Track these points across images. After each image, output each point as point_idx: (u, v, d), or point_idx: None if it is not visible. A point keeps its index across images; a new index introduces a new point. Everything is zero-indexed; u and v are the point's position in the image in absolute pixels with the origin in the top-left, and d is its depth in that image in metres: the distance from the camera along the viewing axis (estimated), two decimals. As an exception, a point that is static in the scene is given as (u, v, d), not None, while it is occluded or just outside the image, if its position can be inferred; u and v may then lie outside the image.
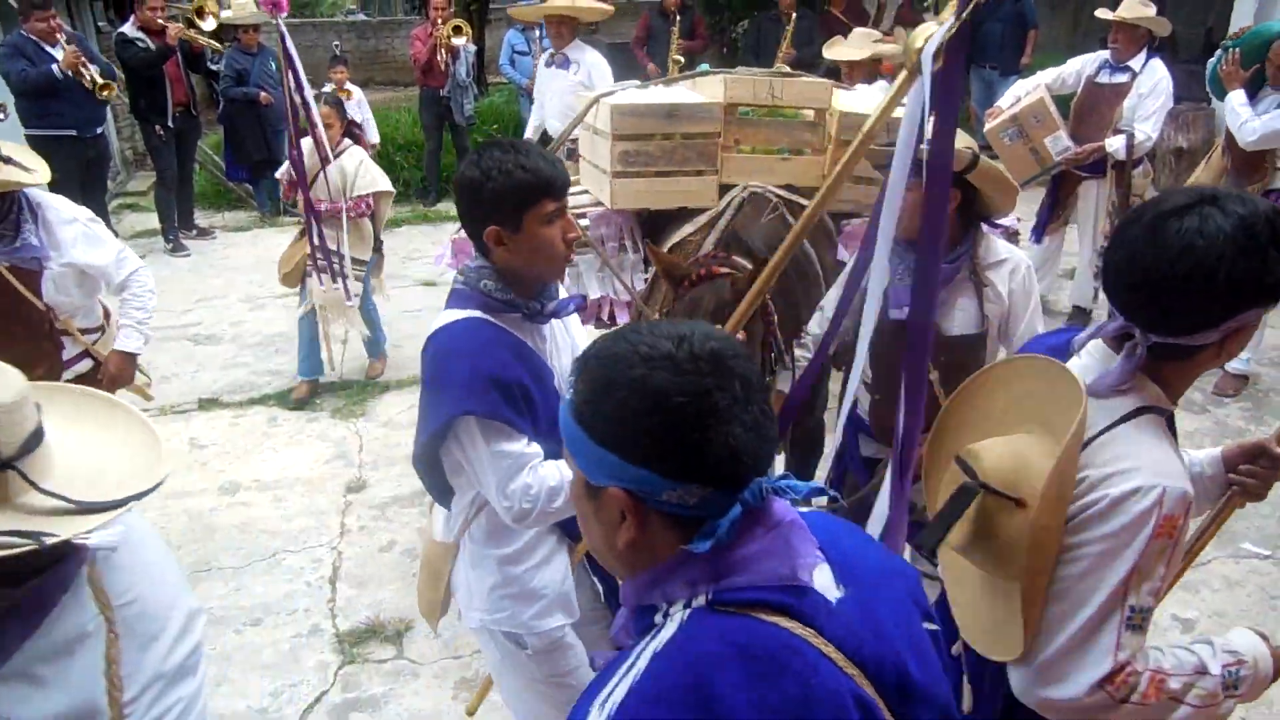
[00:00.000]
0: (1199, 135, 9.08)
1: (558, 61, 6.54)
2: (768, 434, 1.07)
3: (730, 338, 1.11)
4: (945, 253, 2.55)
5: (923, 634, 1.20)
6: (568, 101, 6.24)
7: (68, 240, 3.24)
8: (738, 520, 1.05)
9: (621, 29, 16.19)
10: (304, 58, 17.09)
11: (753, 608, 1.06)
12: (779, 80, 3.31)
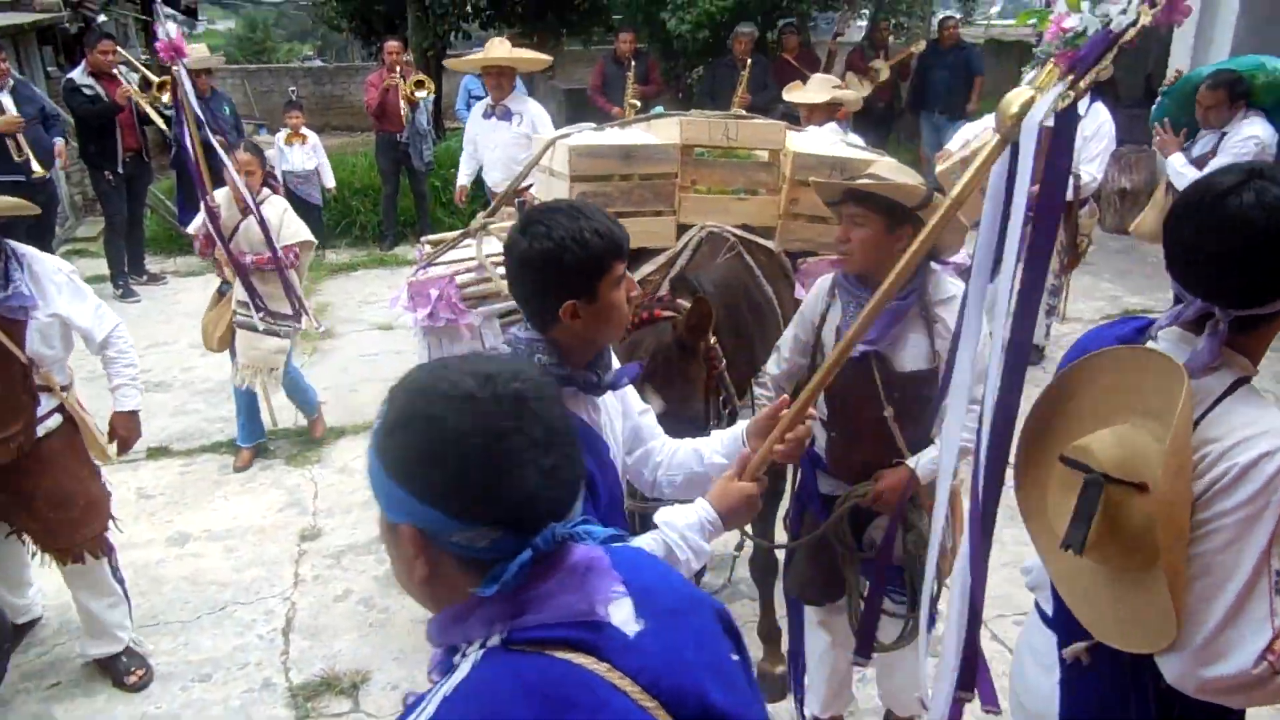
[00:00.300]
0: (1141, 177, 9.35)
1: (498, 113, 6.47)
2: (568, 480, 1.07)
3: (542, 381, 1.10)
4: (896, 290, 2.57)
5: (731, 662, 1.21)
6: (511, 153, 6.26)
7: (54, 291, 3.19)
8: (527, 564, 1.05)
9: (578, 75, 16.39)
10: (260, 103, 17.13)
11: (546, 645, 1.06)
12: (734, 122, 3.35)
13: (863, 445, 2.68)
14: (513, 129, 6.37)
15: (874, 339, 2.55)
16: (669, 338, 2.53)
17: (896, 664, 2.98)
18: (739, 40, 8.88)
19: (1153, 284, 8.04)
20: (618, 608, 1.11)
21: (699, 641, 1.17)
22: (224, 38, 33.31)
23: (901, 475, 2.60)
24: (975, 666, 1.78)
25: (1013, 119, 1.56)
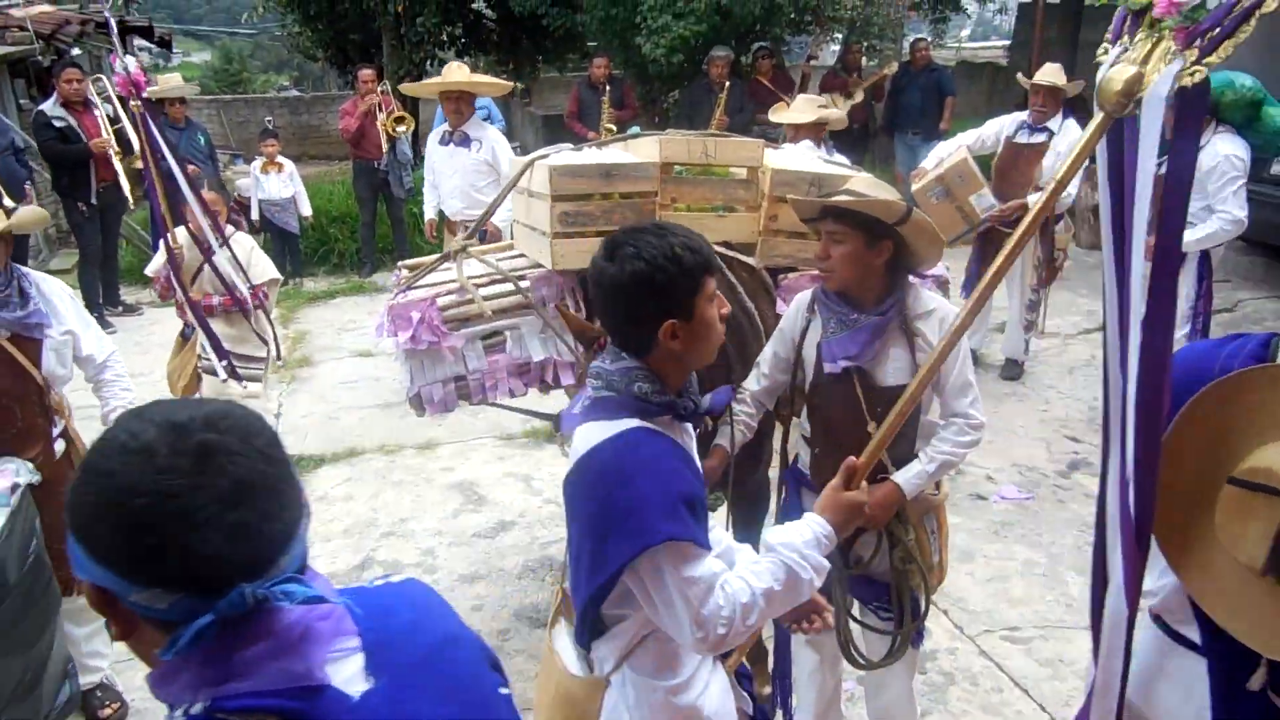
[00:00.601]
0: (1114, 193, 9.45)
1: (456, 140, 6.26)
2: (264, 536, 1.01)
3: (248, 428, 1.04)
4: (876, 304, 2.57)
5: (498, 697, 1.22)
6: (470, 180, 6.17)
7: (64, 308, 3.19)
8: (208, 629, 0.98)
9: (554, 101, 16.46)
10: (236, 133, 17.10)
11: (253, 714, 1.01)
12: (712, 140, 3.34)
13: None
14: (471, 155, 6.21)
15: (855, 354, 2.54)
16: None
17: (886, 682, 2.95)
18: (714, 64, 8.95)
19: (1128, 298, 8.11)
20: (341, 668, 1.07)
21: (448, 688, 1.15)
22: (200, 70, 33.29)
23: (888, 491, 2.59)
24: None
25: (1118, 95, 1.53)
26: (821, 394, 2.65)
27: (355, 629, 1.10)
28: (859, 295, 2.58)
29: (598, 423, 1.83)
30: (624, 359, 1.85)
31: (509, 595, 4.15)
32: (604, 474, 1.78)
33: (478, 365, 3.32)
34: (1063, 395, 6.14)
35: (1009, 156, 5.96)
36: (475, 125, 6.29)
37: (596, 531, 1.78)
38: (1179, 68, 1.48)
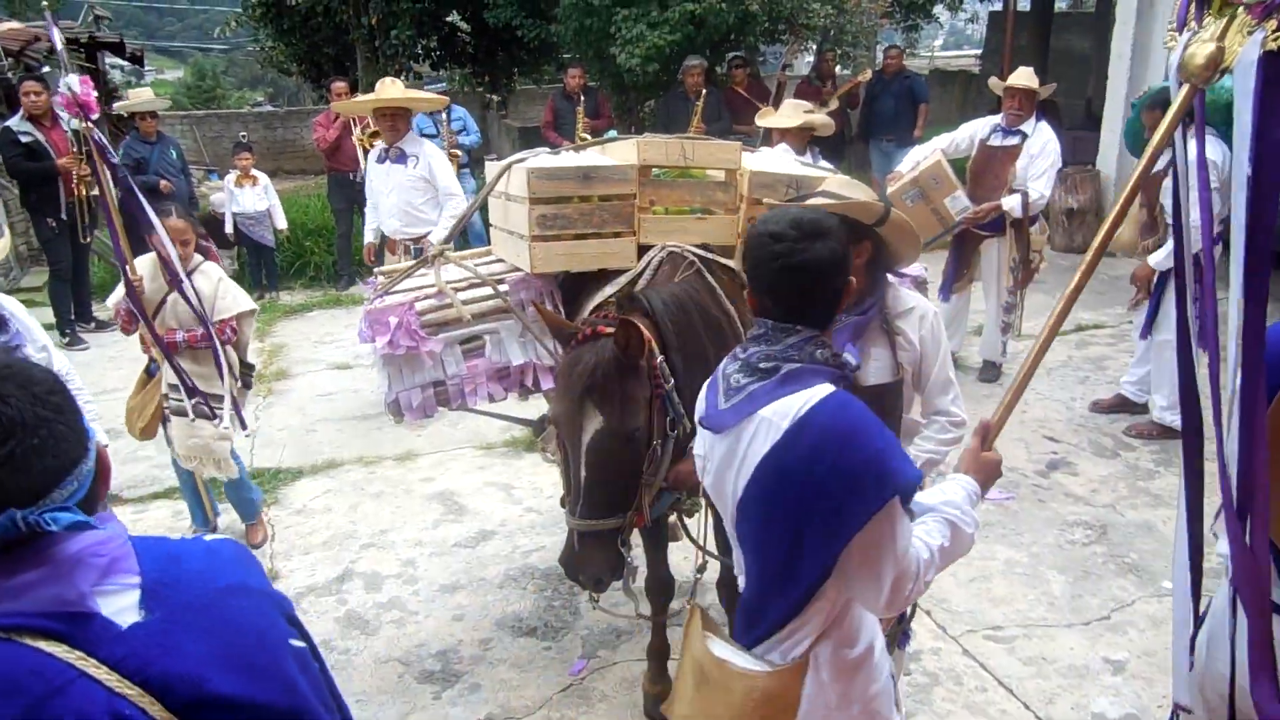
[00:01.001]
0: (1087, 196, 9.55)
1: (393, 157, 6.01)
2: (33, 467, 1.14)
3: (33, 377, 1.19)
4: (856, 304, 2.57)
5: (285, 649, 1.29)
6: (407, 198, 5.98)
7: (31, 324, 3.12)
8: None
9: (531, 113, 16.47)
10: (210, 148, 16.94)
11: (21, 631, 1.12)
12: (689, 142, 3.35)
13: None
14: (408, 172, 5.97)
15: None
16: (609, 354, 2.51)
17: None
18: (690, 73, 8.98)
19: (1104, 300, 8.17)
20: (114, 600, 1.18)
21: (221, 629, 1.24)
22: (173, 87, 33.09)
23: None
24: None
25: (1202, 69, 1.63)
26: None
27: (136, 568, 1.22)
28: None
29: (793, 395, 1.83)
30: (797, 332, 1.89)
31: (490, 604, 4.11)
32: (827, 437, 1.76)
33: (456, 370, 3.30)
34: (1041, 396, 6.17)
35: (983, 159, 6.01)
36: (411, 141, 6.08)
37: (828, 497, 1.75)
38: (1262, 36, 1.55)
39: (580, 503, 2.53)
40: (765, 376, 1.87)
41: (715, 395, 1.98)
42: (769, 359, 1.88)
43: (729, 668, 2.03)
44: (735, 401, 1.92)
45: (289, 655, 1.29)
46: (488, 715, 3.43)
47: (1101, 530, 4.54)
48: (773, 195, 3.32)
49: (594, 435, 2.48)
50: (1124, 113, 9.50)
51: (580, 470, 2.52)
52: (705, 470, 2.05)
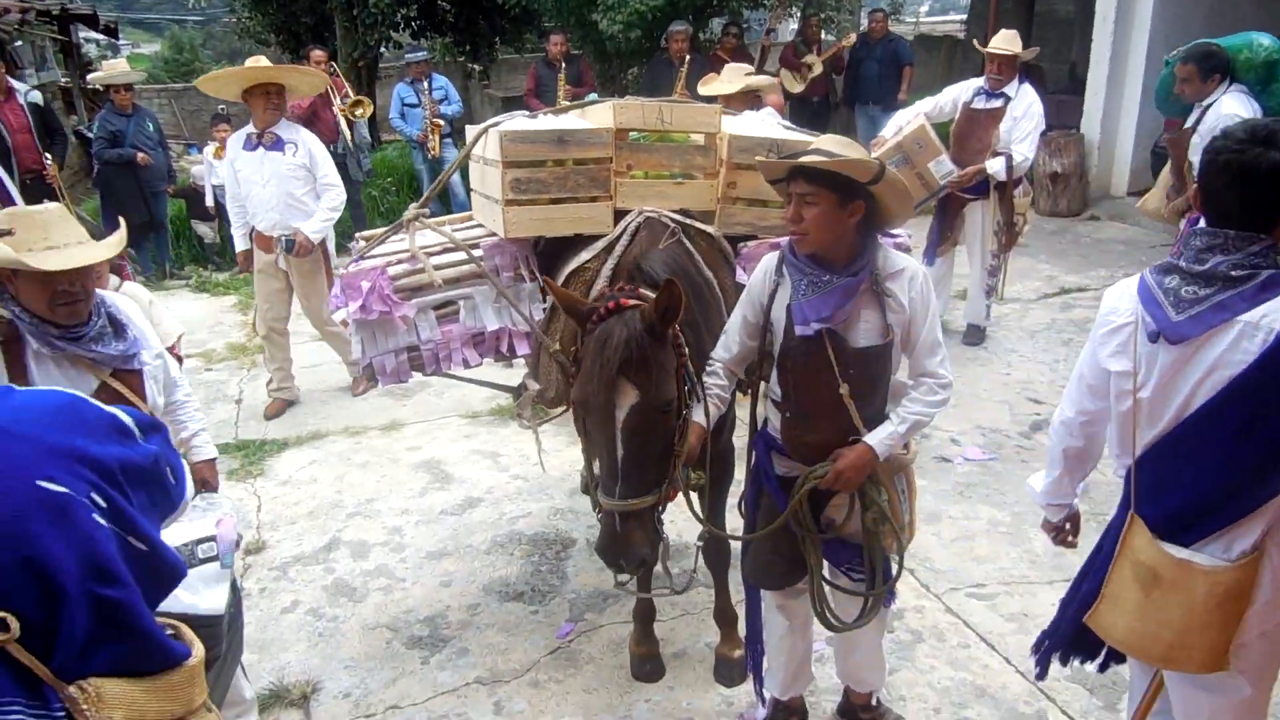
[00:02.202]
0: (1071, 160, 9.54)
1: (267, 143, 5.39)
2: None
3: None
4: (847, 266, 2.54)
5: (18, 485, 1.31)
6: (288, 188, 5.43)
7: (146, 328, 2.84)
8: None
9: (513, 83, 16.32)
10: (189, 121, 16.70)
11: None
12: (667, 105, 3.31)
13: (819, 425, 2.64)
14: (288, 159, 5.40)
15: (828, 316, 2.50)
16: (639, 326, 2.43)
17: (856, 642, 2.96)
18: (674, 39, 8.90)
19: (1087, 263, 8.21)
20: None
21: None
22: (149, 61, 32.58)
23: (861, 453, 2.57)
24: None
25: None
26: (792, 357, 2.61)
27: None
28: (831, 257, 2.53)
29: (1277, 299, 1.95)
30: (1260, 240, 1.98)
31: (478, 570, 4.13)
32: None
33: (431, 335, 3.28)
34: (1024, 359, 6.20)
35: (966, 123, 5.99)
36: (287, 127, 5.50)
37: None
38: None
39: (619, 483, 2.44)
40: (1238, 284, 1.97)
41: (1159, 309, 2.09)
42: (1239, 267, 1.97)
43: (1193, 567, 2.14)
44: (1198, 311, 2.01)
45: (40, 498, 1.29)
46: (476, 679, 3.46)
47: (1084, 489, 4.57)
48: (753, 159, 3.29)
49: (630, 411, 2.40)
50: (1108, 76, 9.50)
51: (617, 449, 2.42)
52: (1140, 385, 2.14)
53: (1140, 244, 8.61)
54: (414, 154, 9.88)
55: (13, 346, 2.55)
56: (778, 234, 3.32)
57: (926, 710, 3.23)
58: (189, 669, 1.49)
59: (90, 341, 2.59)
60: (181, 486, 1.72)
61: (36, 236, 2.45)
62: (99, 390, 2.60)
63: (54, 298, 2.50)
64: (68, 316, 2.54)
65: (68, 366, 2.59)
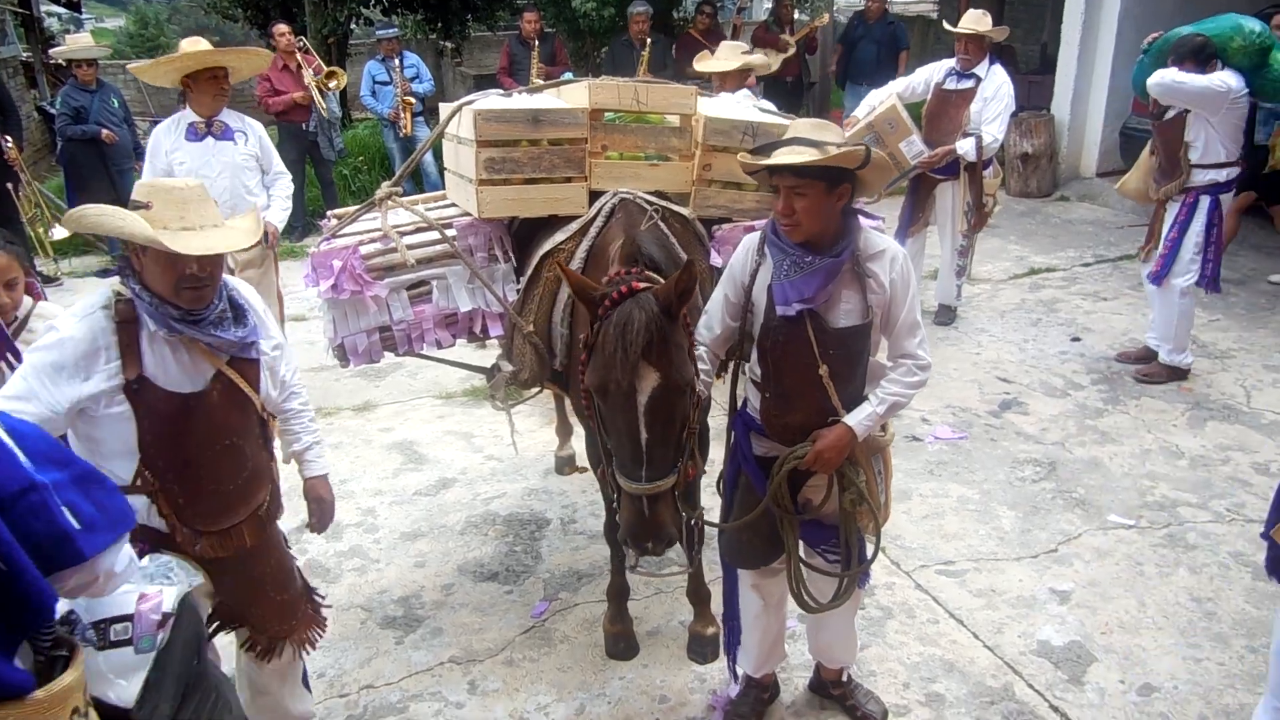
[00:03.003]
0: (1042, 141, 9.61)
1: (216, 132, 4.96)
2: None
3: None
4: (830, 246, 2.53)
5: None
6: (241, 179, 5.05)
7: (267, 317, 2.68)
8: None
9: (486, 61, 16.18)
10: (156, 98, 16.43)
11: None
12: (643, 86, 3.29)
13: (798, 405, 2.66)
14: (240, 149, 5.03)
15: (810, 297, 2.51)
16: (655, 307, 2.41)
17: (828, 620, 3.00)
18: (635, 20, 8.85)
19: (1057, 244, 8.29)
20: None
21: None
22: (114, 35, 31.97)
23: (840, 433, 2.59)
24: None
25: None
26: (773, 337, 2.62)
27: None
28: (817, 239, 2.53)
29: None
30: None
31: (452, 551, 4.13)
32: None
33: (403, 315, 3.26)
34: (994, 339, 6.27)
35: (937, 103, 6.01)
36: (236, 115, 5.14)
37: None
38: None
39: (645, 467, 2.43)
40: None
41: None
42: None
43: None
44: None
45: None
46: (450, 658, 3.48)
47: (1051, 467, 4.66)
48: (728, 142, 3.29)
49: (652, 394, 2.39)
50: (1078, 57, 9.56)
51: (640, 433, 2.41)
52: None
53: (1109, 224, 8.71)
54: (385, 132, 9.77)
55: (128, 328, 2.37)
56: (752, 217, 3.33)
57: (896, 685, 3.28)
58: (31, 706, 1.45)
59: (210, 325, 2.40)
60: (97, 539, 1.62)
61: (173, 214, 2.30)
62: (214, 380, 2.44)
63: (181, 280, 2.33)
64: (192, 301, 2.37)
65: (183, 351, 2.41)
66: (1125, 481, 4.50)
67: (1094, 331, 6.29)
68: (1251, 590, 3.69)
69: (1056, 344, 6.15)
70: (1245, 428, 4.97)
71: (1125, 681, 3.26)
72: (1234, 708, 3.12)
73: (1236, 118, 5.07)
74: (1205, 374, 5.62)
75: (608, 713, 3.21)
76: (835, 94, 11.39)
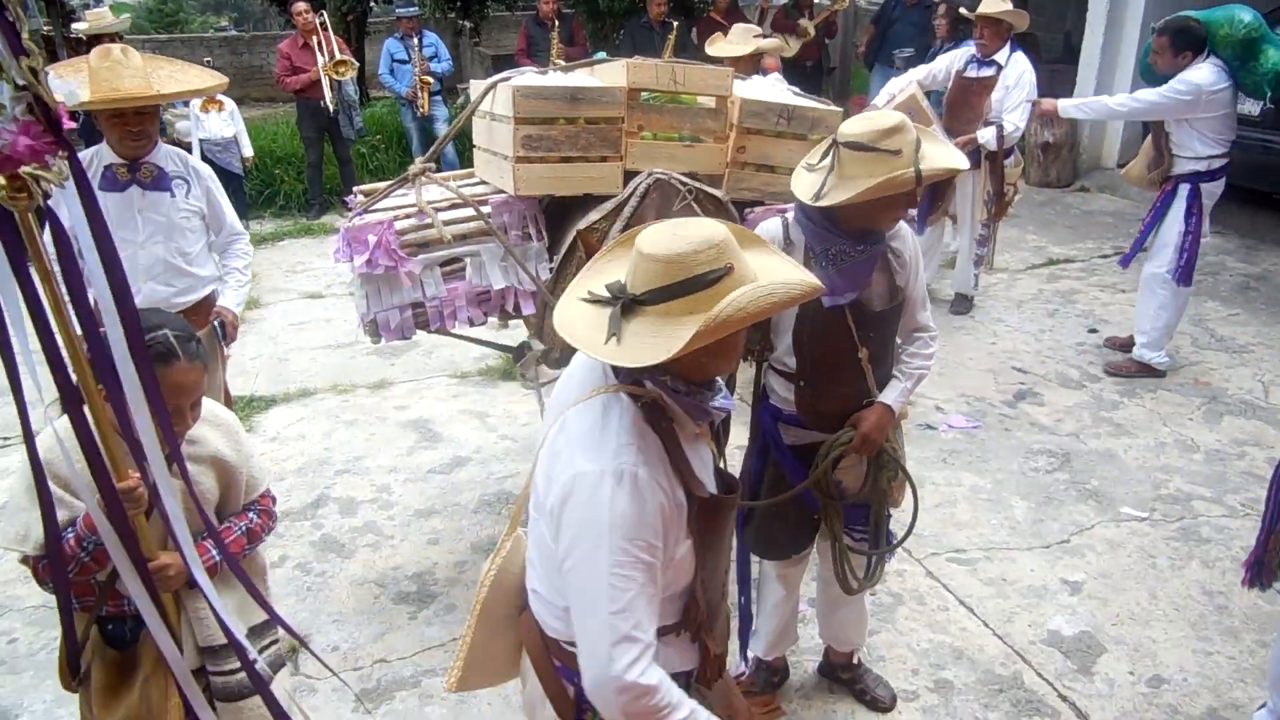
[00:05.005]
0: (1063, 130, 9.54)
1: (145, 178, 3.51)
2: None
3: None
4: (880, 237, 2.54)
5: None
6: (179, 244, 3.63)
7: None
8: None
9: (504, 41, 16.13)
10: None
11: None
12: (680, 66, 3.28)
13: (836, 392, 2.67)
14: (180, 203, 3.61)
15: (860, 288, 2.53)
16: None
17: (838, 603, 3.02)
18: (655, 1, 8.81)
19: (1076, 235, 8.24)
20: None
21: None
22: (133, 10, 31.99)
23: (881, 414, 2.63)
24: None
25: None
26: (810, 327, 2.60)
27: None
28: (873, 231, 2.54)
29: None
30: None
31: (465, 529, 4.16)
32: None
33: (436, 292, 3.27)
34: (1010, 329, 6.25)
35: (959, 91, 5.97)
36: (169, 155, 3.62)
37: None
38: None
39: None
40: None
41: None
42: None
43: None
44: None
45: None
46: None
47: (1064, 458, 4.65)
48: (763, 124, 3.29)
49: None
50: (1102, 46, 9.47)
51: None
52: None
53: (1129, 216, 8.64)
54: (403, 111, 9.78)
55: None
56: (785, 201, 3.33)
57: (905, 671, 3.30)
58: None
59: None
60: None
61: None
62: None
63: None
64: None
65: None
66: (1139, 474, 4.49)
67: (1111, 323, 6.26)
68: (1264, 585, 3.69)
69: (1073, 335, 6.13)
70: (1262, 423, 4.95)
71: (1135, 673, 3.26)
72: (1243, 701, 3.13)
73: (1218, 110, 4.99)
74: (1223, 368, 5.59)
75: (618, 691, 3.23)
76: (857, 77, 11.30)
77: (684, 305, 1.56)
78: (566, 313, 1.70)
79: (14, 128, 1.43)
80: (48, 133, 1.45)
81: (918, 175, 2.32)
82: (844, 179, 2.41)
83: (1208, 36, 4.93)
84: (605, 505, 1.57)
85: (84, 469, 1.77)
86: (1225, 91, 4.92)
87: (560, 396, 1.84)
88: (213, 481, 2.22)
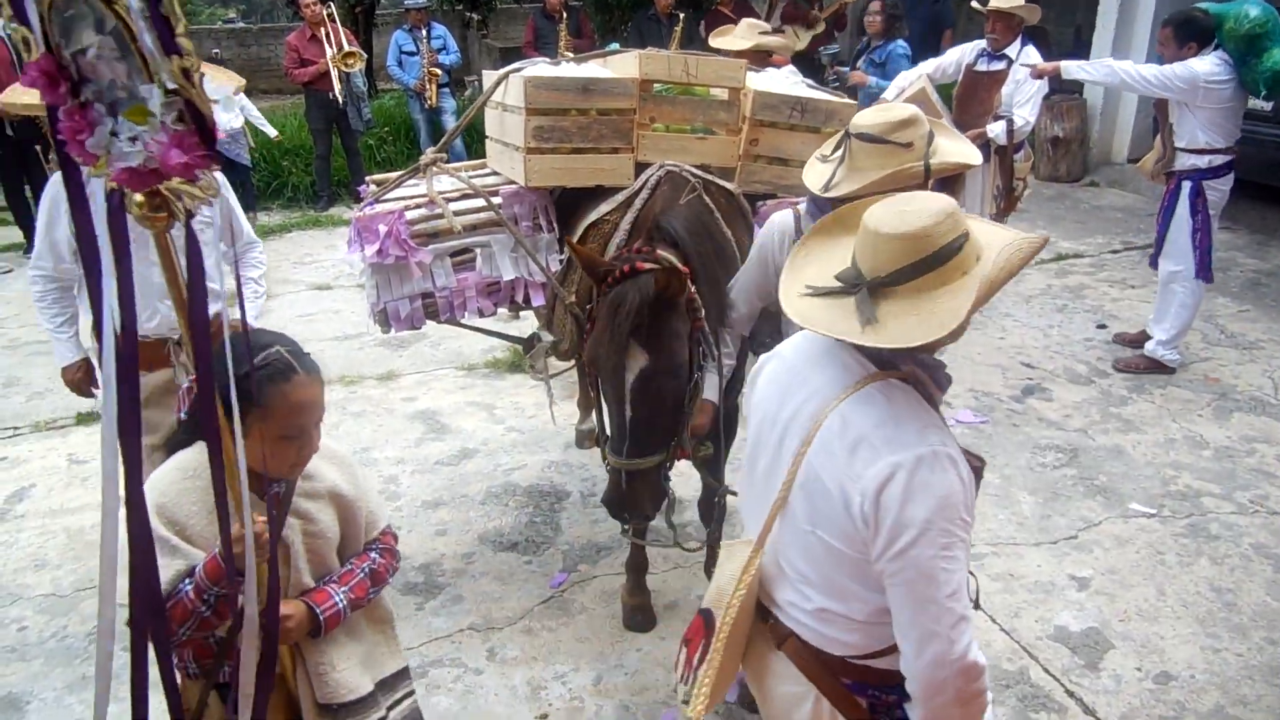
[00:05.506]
0: (1073, 125, 9.50)
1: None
2: None
3: None
4: None
5: None
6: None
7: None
8: None
9: (512, 33, 16.11)
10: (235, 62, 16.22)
11: None
12: (693, 58, 3.27)
13: None
14: (198, 217, 2.39)
15: None
16: (652, 292, 2.43)
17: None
18: None
19: (1085, 230, 8.21)
20: None
21: None
22: (141, 0, 31.95)
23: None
24: None
25: None
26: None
27: None
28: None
29: None
30: None
31: (473, 520, 4.17)
32: None
33: (446, 283, 3.27)
34: (1019, 324, 6.23)
35: (968, 85, 5.94)
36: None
37: None
38: None
39: (626, 442, 2.50)
40: None
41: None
42: None
43: None
44: None
45: None
46: (470, 625, 3.51)
47: (1072, 453, 4.64)
48: (776, 117, 3.27)
49: (639, 375, 2.44)
50: (1113, 40, 9.42)
51: (625, 410, 2.48)
52: None
53: (1139, 211, 8.61)
54: (410, 103, 9.79)
55: None
56: (797, 193, 3.32)
57: (913, 665, 3.29)
58: None
59: None
60: None
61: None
62: None
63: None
64: None
65: None
66: (1148, 470, 4.47)
67: (1120, 319, 6.24)
68: (1273, 582, 3.68)
69: (1082, 330, 6.11)
70: (1272, 420, 4.93)
71: (1142, 669, 3.26)
72: (1251, 698, 3.12)
73: (1219, 102, 4.96)
74: (1233, 365, 5.57)
75: (624, 683, 3.24)
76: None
77: (935, 278, 1.57)
78: (797, 308, 1.70)
79: (165, 138, 1.25)
80: (201, 145, 1.28)
81: (927, 169, 2.30)
82: (854, 170, 2.39)
83: (1216, 29, 4.91)
84: (929, 489, 1.56)
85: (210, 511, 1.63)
86: (1227, 86, 4.90)
87: (790, 403, 1.78)
88: (331, 518, 2.06)
